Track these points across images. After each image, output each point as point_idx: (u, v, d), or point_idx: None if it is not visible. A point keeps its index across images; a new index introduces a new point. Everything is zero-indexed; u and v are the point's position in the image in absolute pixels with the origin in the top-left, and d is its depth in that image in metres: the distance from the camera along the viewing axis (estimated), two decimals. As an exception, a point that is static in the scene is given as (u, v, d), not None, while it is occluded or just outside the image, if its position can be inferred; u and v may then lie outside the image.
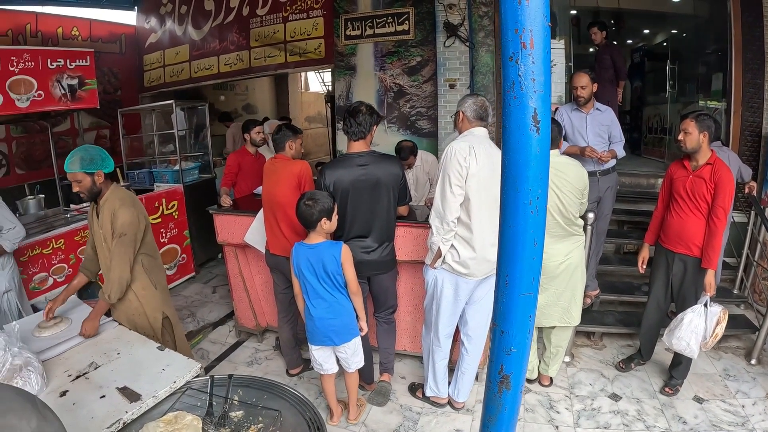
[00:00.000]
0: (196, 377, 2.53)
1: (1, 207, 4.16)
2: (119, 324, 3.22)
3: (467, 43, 6.33)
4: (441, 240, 3.30)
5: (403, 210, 3.77)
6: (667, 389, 3.93)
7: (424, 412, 3.87)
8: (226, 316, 5.81)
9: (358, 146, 3.55)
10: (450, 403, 3.90)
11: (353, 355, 3.49)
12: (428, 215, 3.81)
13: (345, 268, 3.24)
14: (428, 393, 3.91)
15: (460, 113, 3.38)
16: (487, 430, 1.45)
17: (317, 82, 13.07)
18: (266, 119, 8.40)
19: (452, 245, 3.33)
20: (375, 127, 3.57)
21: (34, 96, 4.84)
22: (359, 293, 3.36)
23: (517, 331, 1.27)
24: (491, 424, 1.42)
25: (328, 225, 3.23)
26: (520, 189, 1.14)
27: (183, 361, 2.66)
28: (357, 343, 3.48)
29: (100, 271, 3.51)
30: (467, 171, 3.15)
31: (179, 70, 8.90)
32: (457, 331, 3.79)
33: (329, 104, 10.71)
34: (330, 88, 11.03)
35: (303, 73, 13.36)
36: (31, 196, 5.92)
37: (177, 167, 7.04)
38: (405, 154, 5.20)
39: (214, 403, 2.34)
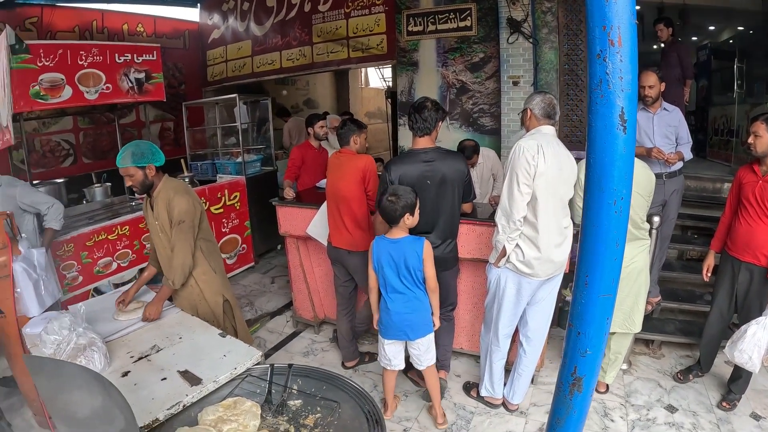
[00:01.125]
0: (256, 365, 2.56)
1: (30, 190, 4.24)
2: (181, 310, 3.32)
3: (531, 40, 6.22)
4: (506, 239, 3.27)
5: (467, 207, 3.74)
6: (724, 404, 3.78)
7: (477, 412, 3.84)
8: (283, 306, 5.90)
9: (424, 142, 3.53)
10: (504, 404, 3.86)
11: (426, 351, 3.47)
12: (492, 213, 3.78)
13: (426, 265, 3.22)
14: (483, 393, 3.88)
15: (528, 111, 3.33)
16: None
17: (377, 77, 13.06)
18: (326, 114, 8.47)
19: (517, 244, 3.29)
20: (440, 123, 3.55)
21: (103, 89, 4.97)
22: (437, 290, 3.34)
23: (593, 333, 1.25)
24: (558, 426, 1.41)
25: (411, 220, 3.22)
26: (605, 189, 1.13)
27: (244, 348, 2.70)
28: (431, 339, 3.46)
29: None
30: (535, 169, 3.11)
31: (241, 65, 9.03)
32: (515, 332, 3.74)
33: (389, 100, 10.69)
34: (390, 83, 11.04)
35: (363, 69, 13.39)
36: (98, 184, 6.12)
37: (240, 159, 7.19)
38: (468, 153, 5.13)
39: (273, 391, 2.37)
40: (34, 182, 5.00)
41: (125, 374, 2.55)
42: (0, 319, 3.76)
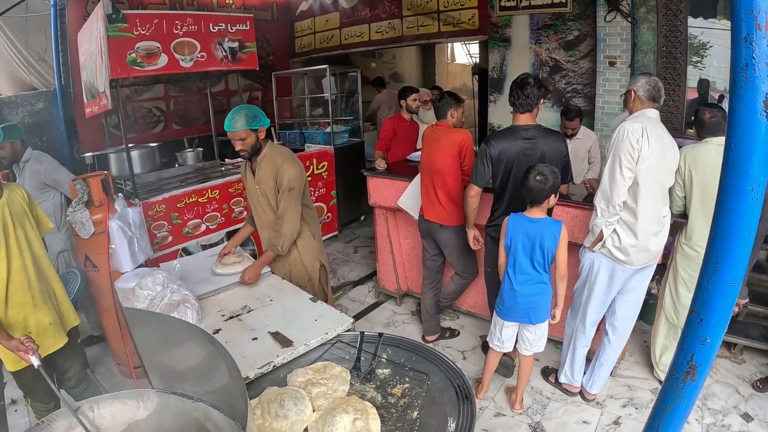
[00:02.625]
0: (346, 331, 2.55)
1: (55, 167, 4.25)
2: (272, 273, 3.36)
3: (629, 19, 5.90)
4: (604, 223, 3.15)
5: (563, 188, 3.60)
6: None
7: (554, 398, 3.76)
8: (366, 276, 5.94)
9: (525, 119, 3.44)
10: (581, 393, 3.76)
11: (540, 337, 3.39)
12: (586, 196, 3.69)
13: (561, 249, 3.11)
14: (562, 379, 3.79)
15: (632, 92, 3.17)
16: (658, 421, 1.39)
17: (464, 53, 12.86)
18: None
19: (614, 230, 3.17)
20: (541, 101, 3.45)
21: (198, 57, 5.02)
22: (566, 277, 3.22)
23: (717, 321, 1.21)
24: (665, 414, 1.37)
25: (553, 201, 3.12)
26: (744, 175, 1.09)
27: (335, 314, 2.70)
28: (546, 325, 3.38)
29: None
30: (638, 153, 2.98)
31: (329, 37, 9.00)
32: (601, 321, 3.62)
33: (476, 76, 10.48)
34: (477, 60, 10.81)
35: (450, 45, 13.20)
36: (190, 149, 6.27)
37: (328, 130, 7.24)
38: (572, 114, 5.01)
39: (362, 358, 2.35)
40: (129, 146, 5.11)
41: (216, 332, 2.60)
42: (93, 273, 3.90)
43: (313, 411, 1.97)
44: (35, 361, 2.27)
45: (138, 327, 2.09)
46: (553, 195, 3.05)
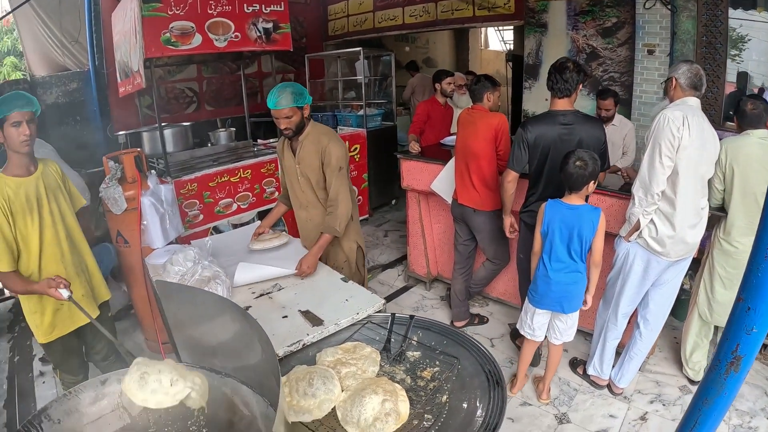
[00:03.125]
0: (377, 312, 2.53)
1: (58, 158, 4.02)
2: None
3: (669, 6, 5.75)
4: (642, 212, 3.07)
5: (600, 176, 3.49)
6: None
7: (581, 390, 3.70)
8: (395, 260, 5.94)
9: (563, 104, 3.37)
10: (609, 386, 3.68)
11: (571, 326, 3.33)
12: (623, 185, 3.64)
13: (598, 236, 3.04)
14: (590, 371, 3.72)
15: (673, 80, 3.07)
16: (698, 412, 1.33)
17: (497, 39, 12.70)
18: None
19: (651, 220, 3.09)
20: (580, 86, 3.36)
21: (232, 37, 5.01)
22: (600, 264, 3.15)
23: (765, 310, 1.15)
24: (705, 407, 1.31)
25: (593, 188, 3.04)
26: None
27: (366, 294, 2.67)
28: (577, 315, 3.32)
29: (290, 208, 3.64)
30: (679, 142, 2.89)
31: (362, 20, 8.96)
32: (633, 314, 3.55)
33: (509, 63, 10.35)
34: (511, 46, 10.68)
35: (483, 30, 13.03)
36: (223, 129, 6.30)
37: (361, 112, 7.23)
38: (606, 95, 4.87)
39: (392, 339, 2.32)
40: (163, 125, 5.13)
41: (246, 308, 2.59)
42: (125, 248, 3.93)
43: (342, 391, 1.95)
44: (65, 294, 2.33)
45: (168, 300, 2.07)
46: (592, 181, 2.98)
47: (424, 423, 1.84)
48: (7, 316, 5.05)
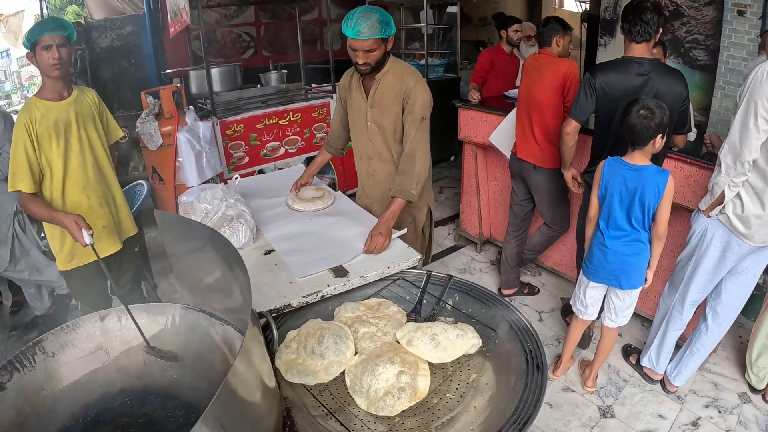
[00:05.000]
0: (411, 268, 2.27)
1: None
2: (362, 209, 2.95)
3: (764, -38, 5.20)
4: (728, 182, 2.60)
5: (679, 140, 3.09)
6: None
7: (631, 382, 3.34)
8: (447, 218, 5.82)
9: (640, 50, 2.91)
10: (663, 382, 3.29)
11: (629, 306, 2.96)
12: (704, 153, 3.19)
13: (664, 204, 2.62)
14: (644, 362, 3.33)
15: None
16: None
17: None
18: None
19: (738, 194, 2.63)
20: (661, 30, 2.90)
21: (287, -24, 4.85)
22: (665, 237, 2.74)
23: None
24: None
25: (659, 144, 2.60)
26: None
27: (402, 247, 2.40)
28: (637, 294, 2.93)
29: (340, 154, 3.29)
30: None
31: (429, -32, 8.60)
32: (701, 305, 3.12)
33: (585, 24, 9.81)
34: (588, 6, 10.14)
35: (559, -12, 12.44)
36: (274, 70, 6.15)
37: (423, 62, 7.06)
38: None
39: (424, 301, 2.06)
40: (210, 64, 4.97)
41: (268, 252, 2.42)
42: (159, 185, 3.85)
43: (356, 353, 1.72)
44: (88, 239, 2.31)
45: (164, 232, 1.93)
46: (660, 135, 2.54)
47: (445, 403, 1.58)
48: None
